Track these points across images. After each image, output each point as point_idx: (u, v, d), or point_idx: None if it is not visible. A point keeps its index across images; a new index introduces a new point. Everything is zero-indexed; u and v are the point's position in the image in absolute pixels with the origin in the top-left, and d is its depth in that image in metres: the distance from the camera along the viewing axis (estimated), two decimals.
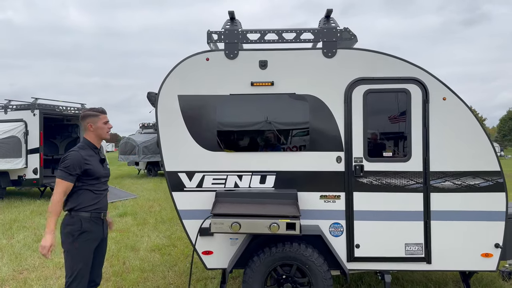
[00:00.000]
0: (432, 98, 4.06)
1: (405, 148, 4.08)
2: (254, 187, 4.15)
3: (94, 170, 3.37)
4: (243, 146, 4.16)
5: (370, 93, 4.07)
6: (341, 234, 4.12)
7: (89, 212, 3.35)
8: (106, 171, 3.57)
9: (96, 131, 3.47)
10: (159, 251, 6.59)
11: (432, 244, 4.05)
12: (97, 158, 3.48)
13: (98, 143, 3.54)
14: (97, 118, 3.46)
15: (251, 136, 4.16)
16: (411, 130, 4.06)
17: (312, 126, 4.10)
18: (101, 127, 3.48)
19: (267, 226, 3.53)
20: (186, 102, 4.14)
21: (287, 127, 4.14)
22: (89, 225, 3.33)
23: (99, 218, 3.42)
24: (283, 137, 4.15)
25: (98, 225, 3.42)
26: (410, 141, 4.06)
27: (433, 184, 4.05)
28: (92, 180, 3.38)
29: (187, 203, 4.16)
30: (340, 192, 4.10)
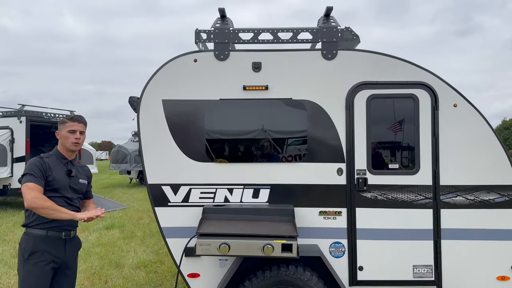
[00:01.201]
0: (442, 105, 3.69)
1: (413, 160, 3.70)
2: (246, 202, 3.74)
3: (55, 181, 2.97)
4: (234, 156, 3.77)
5: (374, 99, 3.70)
6: (343, 255, 3.71)
7: (45, 230, 2.92)
8: (76, 186, 3.13)
9: (61, 139, 3.11)
10: (145, 268, 6.13)
11: (442, 266, 3.65)
12: (63, 169, 3.08)
13: (67, 153, 3.14)
14: (63, 125, 3.09)
15: (243, 146, 3.77)
16: (419, 139, 3.69)
17: (311, 134, 3.72)
18: (65, 135, 3.08)
19: (260, 248, 3.11)
20: (171, 108, 3.74)
21: (282, 135, 3.75)
22: (43, 245, 2.90)
23: (58, 238, 2.97)
24: (278, 146, 3.75)
25: (57, 246, 2.97)
26: (418, 151, 3.68)
27: (443, 199, 3.66)
28: (52, 192, 2.95)
29: (171, 220, 3.74)
30: (341, 207, 3.70)
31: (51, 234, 2.94)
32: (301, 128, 3.73)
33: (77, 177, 3.17)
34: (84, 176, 3.27)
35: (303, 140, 3.72)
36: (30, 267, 2.86)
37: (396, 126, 3.71)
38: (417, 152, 3.68)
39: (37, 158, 3.01)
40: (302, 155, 3.72)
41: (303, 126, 3.72)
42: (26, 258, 2.87)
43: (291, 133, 3.74)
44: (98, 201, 12.60)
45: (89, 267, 6.15)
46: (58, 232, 2.97)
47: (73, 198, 3.09)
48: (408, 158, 3.71)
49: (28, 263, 2.87)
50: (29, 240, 2.91)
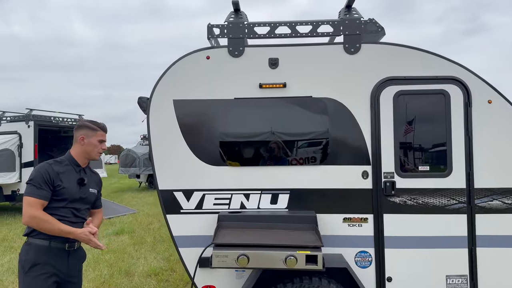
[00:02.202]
0: (475, 101, 3.40)
1: (444, 161, 3.40)
2: (264, 208, 3.48)
3: (65, 190, 2.74)
4: (250, 159, 3.51)
5: (401, 96, 3.42)
6: (370, 265, 3.43)
7: (48, 241, 2.69)
8: (85, 195, 2.90)
9: (87, 146, 2.89)
10: (156, 277, 5.89)
11: (478, 276, 3.35)
12: (74, 177, 2.85)
13: (83, 161, 2.93)
14: (94, 132, 2.90)
15: (260, 148, 3.51)
16: (451, 139, 3.40)
17: (333, 135, 3.45)
18: (94, 144, 2.90)
19: (282, 259, 2.85)
20: (183, 108, 3.50)
21: (302, 136, 3.48)
22: (45, 257, 2.67)
23: (61, 249, 2.74)
24: (297, 148, 3.49)
25: (60, 258, 2.74)
26: (450, 152, 3.39)
27: (478, 203, 3.37)
28: (59, 202, 2.73)
29: (184, 228, 3.50)
30: (367, 214, 3.42)
31: (54, 245, 2.71)
32: (322, 128, 3.46)
33: (88, 186, 2.94)
34: (95, 184, 3.04)
35: (325, 141, 3.45)
36: (30, 280, 2.64)
37: (426, 125, 3.42)
38: (449, 152, 3.39)
39: (45, 165, 2.77)
40: (324, 157, 3.45)
41: (324, 126, 3.45)
42: (27, 270, 2.64)
43: (312, 134, 3.47)
44: (108, 206, 12.43)
45: (98, 276, 5.93)
46: (61, 243, 2.74)
47: (81, 209, 2.87)
48: (439, 159, 3.42)
49: (28, 275, 2.64)
50: (30, 250, 2.68)
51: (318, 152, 3.46)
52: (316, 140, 3.47)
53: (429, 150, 3.43)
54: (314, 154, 3.46)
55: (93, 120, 3.01)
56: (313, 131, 3.47)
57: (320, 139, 3.46)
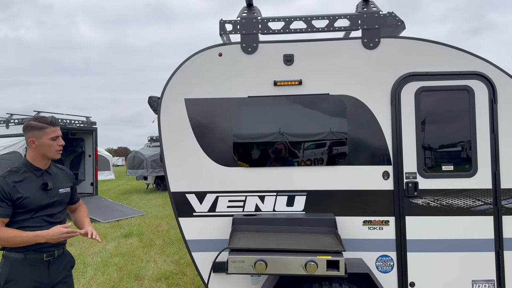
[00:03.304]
0: (501, 97, 3.24)
1: (469, 160, 3.24)
2: (280, 211, 3.35)
3: (28, 200, 2.46)
4: (265, 160, 3.37)
5: (423, 92, 3.26)
6: (391, 270, 3.28)
7: (23, 253, 2.46)
8: (55, 198, 2.61)
9: (41, 149, 2.55)
10: (166, 281, 5.77)
11: (506, 281, 3.19)
12: (36, 183, 2.55)
13: (42, 163, 2.61)
14: (42, 132, 2.54)
15: (275, 148, 3.37)
16: (476, 137, 3.24)
17: (351, 134, 3.30)
18: (47, 144, 2.55)
19: (302, 265, 2.70)
20: (194, 107, 3.38)
21: (319, 136, 3.34)
22: (20, 271, 2.44)
23: (40, 260, 2.50)
24: (314, 148, 3.35)
25: (39, 269, 2.50)
26: (476, 151, 3.23)
27: (505, 204, 3.21)
28: (26, 214, 2.47)
29: (197, 232, 3.37)
30: (388, 216, 3.27)
31: (30, 257, 2.47)
32: (340, 127, 3.32)
33: (56, 187, 2.64)
34: (64, 182, 2.73)
35: (343, 141, 3.30)
36: None
37: (449, 122, 3.27)
38: (474, 151, 3.23)
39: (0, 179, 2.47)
40: (342, 157, 3.31)
41: (342, 125, 3.31)
42: (2, 285, 2.44)
43: (329, 133, 3.33)
44: (116, 208, 12.37)
45: (107, 280, 5.82)
46: (38, 254, 2.49)
47: (54, 214, 2.59)
48: (463, 158, 3.26)
49: None
50: (5, 264, 2.46)
51: (336, 152, 3.32)
52: (333, 140, 3.32)
53: (453, 149, 3.27)
54: (331, 154, 3.32)
55: (40, 116, 2.63)
56: (331, 130, 3.33)
57: (338, 139, 3.32)
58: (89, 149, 13.79)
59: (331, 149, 3.32)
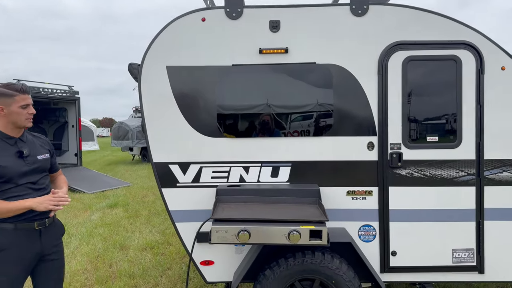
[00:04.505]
0: (488, 68, 3.21)
1: (454, 131, 3.24)
2: (264, 181, 3.32)
3: (5, 170, 2.41)
4: (250, 130, 3.32)
5: (411, 62, 3.21)
6: (373, 239, 3.32)
7: (13, 223, 2.43)
8: (35, 165, 2.56)
9: (10, 116, 2.47)
10: (152, 250, 5.79)
11: (485, 250, 3.26)
12: (11, 151, 2.49)
13: (14, 132, 2.53)
14: (12, 99, 2.46)
15: (260, 119, 3.31)
16: (462, 108, 3.22)
17: (337, 104, 3.25)
18: (17, 112, 2.48)
19: (285, 235, 2.70)
20: (177, 75, 3.27)
21: (305, 106, 3.28)
22: (11, 241, 2.42)
23: (31, 230, 2.49)
24: (300, 118, 3.30)
25: (31, 239, 2.50)
26: (461, 122, 3.22)
27: (487, 175, 3.23)
28: (6, 184, 2.42)
29: (181, 202, 3.34)
30: (372, 186, 3.28)
31: (21, 227, 2.45)
32: (326, 97, 3.26)
33: (34, 154, 2.59)
34: (42, 148, 2.69)
35: (329, 111, 3.26)
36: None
37: (436, 93, 3.24)
38: (459, 122, 3.22)
39: None
40: (328, 128, 3.27)
41: (328, 95, 3.25)
42: None
43: (315, 103, 3.27)
44: (101, 179, 12.28)
45: (92, 250, 5.81)
46: (29, 223, 2.48)
47: (37, 181, 2.56)
48: (448, 129, 3.25)
49: None
50: None
51: (322, 122, 3.28)
52: (319, 110, 3.27)
53: (438, 119, 3.26)
54: (317, 125, 3.28)
55: (9, 83, 2.52)
56: (317, 100, 3.27)
57: (323, 109, 3.26)
58: (72, 119, 13.52)
59: (316, 119, 3.27)
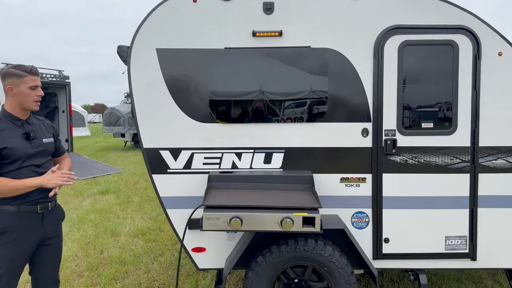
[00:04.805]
0: (485, 53, 3.16)
1: (450, 118, 3.20)
2: (257, 168, 3.27)
3: (12, 151, 2.43)
4: (243, 116, 3.24)
5: (407, 46, 3.14)
6: (366, 226, 3.29)
7: (16, 206, 2.45)
8: (41, 148, 2.60)
9: (18, 97, 2.49)
10: (143, 237, 5.75)
11: (478, 237, 3.25)
12: (18, 133, 2.51)
13: (21, 114, 2.56)
14: (21, 80, 2.48)
15: (253, 104, 3.24)
16: (458, 94, 3.18)
17: (332, 90, 3.19)
18: (26, 93, 2.49)
19: (278, 222, 2.66)
20: (167, 58, 3.17)
21: (299, 91, 3.21)
22: (14, 223, 2.44)
23: (34, 213, 2.52)
24: (293, 104, 3.23)
25: (33, 222, 2.52)
26: (456, 108, 3.18)
27: (482, 162, 3.21)
28: (13, 164, 2.45)
29: (172, 189, 3.27)
30: (365, 173, 3.24)
31: (24, 209, 2.48)
32: (320, 82, 3.19)
33: (39, 137, 2.62)
34: (47, 132, 2.72)
35: (323, 97, 3.19)
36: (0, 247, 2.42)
37: (432, 79, 3.18)
38: (455, 108, 3.18)
39: None
40: (322, 113, 3.21)
41: (323, 80, 3.18)
42: None
43: (309, 88, 3.20)
44: (92, 165, 12.16)
45: (83, 236, 5.75)
46: (32, 206, 2.51)
47: (42, 164, 2.59)
48: (444, 115, 3.21)
49: None
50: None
51: (315, 108, 3.22)
52: (313, 95, 3.20)
53: (434, 105, 3.21)
54: (310, 110, 3.21)
55: (19, 64, 2.55)
56: (311, 85, 3.20)
57: (317, 94, 3.20)
58: (62, 104, 13.31)
59: (310, 105, 3.21)
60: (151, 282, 4.22)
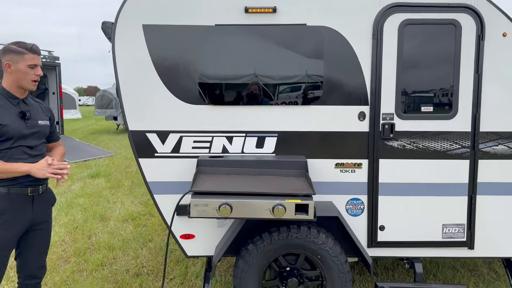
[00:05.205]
0: (489, 34, 3.01)
1: (450, 101, 3.06)
2: (249, 153, 3.13)
3: (7, 128, 2.35)
4: (234, 97, 3.09)
5: (408, 25, 2.98)
6: (361, 213, 3.18)
7: (6, 187, 2.38)
8: (36, 129, 2.51)
9: (16, 74, 2.40)
10: (133, 222, 5.63)
11: (476, 225, 3.16)
12: (13, 111, 2.43)
13: (18, 92, 2.47)
14: (20, 56, 2.39)
15: (245, 84, 3.07)
16: (459, 76, 3.03)
17: (328, 70, 3.03)
18: (24, 71, 2.40)
19: (269, 209, 2.53)
20: (154, 35, 2.99)
21: (293, 72, 3.05)
22: (4, 205, 2.37)
23: (24, 196, 2.44)
24: (287, 85, 3.07)
25: (23, 205, 2.45)
26: (458, 91, 3.04)
27: (482, 148, 3.09)
28: (5, 142, 2.37)
29: (160, 173, 3.13)
30: (362, 159, 3.11)
31: (15, 191, 2.40)
32: (316, 63, 3.03)
33: (35, 118, 2.53)
34: (43, 115, 2.63)
35: (319, 78, 3.04)
36: None
37: (433, 60, 3.03)
38: (456, 92, 3.04)
39: None
40: (317, 96, 3.06)
41: (318, 60, 3.02)
42: None
43: (304, 69, 3.04)
44: (83, 148, 11.97)
45: (71, 221, 5.62)
46: (22, 189, 2.42)
47: (35, 146, 2.50)
48: (444, 99, 3.07)
49: None
50: None
51: (310, 90, 3.06)
52: (308, 77, 3.05)
53: (434, 89, 3.06)
54: (305, 92, 3.06)
55: (21, 41, 2.46)
56: (306, 66, 3.04)
57: (313, 76, 3.04)
58: (52, 86, 13.00)
59: (304, 87, 3.05)
60: (140, 268, 4.11)
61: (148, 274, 3.99)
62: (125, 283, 3.78)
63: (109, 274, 3.99)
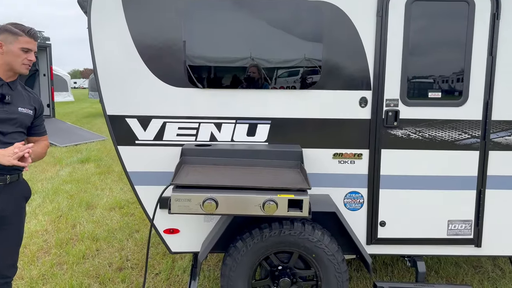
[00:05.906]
0: (505, 13, 2.72)
1: (460, 87, 2.79)
2: (239, 141, 2.86)
3: None
4: (223, 80, 2.80)
5: (416, 2, 2.68)
6: (360, 208, 2.94)
7: None
8: (12, 115, 2.29)
9: (7, 56, 2.25)
10: (120, 210, 5.38)
11: (484, 222, 2.92)
12: None
13: (5, 74, 2.30)
14: (15, 38, 2.25)
15: (236, 66, 2.79)
16: (471, 59, 2.75)
17: (327, 51, 2.74)
18: (16, 53, 2.25)
19: (259, 205, 2.28)
20: (135, 9, 2.68)
21: (288, 53, 2.76)
22: None
23: None
24: (282, 67, 2.79)
25: None
26: (468, 76, 2.77)
27: (494, 138, 2.83)
28: None
29: (141, 163, 2.87)
30: (362, 149, 2.85)
31: None
32: (314, 42, 2.74)
33: (15, 105, 2.31)
34: (29, 105, 2.40)
35: (316, 60, 2.75)
36: None
37: (442, 41, 2.75)
38: (467, 76, 2.77)
39: None
40: (314, 80, 2.77)
41: (317, 40, 2.73)
42: None
43: (301, 50, 2.75)
44: (75, 132, 11.66)
45: (55, 209, 5.36)
46: None
47: (7, 133, 2.26)
48: (454, 84, 2.80)
49: None
50: None
51: (308, 73, 2.78)
52: (306, 58, 2.76)
53: (443, 72, 2.79)
54: (301, 75, 2.78)
55: (19, 23, 2.30)
56: (303, 47, 2.75)
57: (311, 57, 2.75)
58: (43, 67, 12.60)
59: (301, 70, 2.77)
60: (123, 262, 3.87)
61: (132, 268, 3.76)
62: (107, 278, 3.55)
63: (91, 267, 3.76)
